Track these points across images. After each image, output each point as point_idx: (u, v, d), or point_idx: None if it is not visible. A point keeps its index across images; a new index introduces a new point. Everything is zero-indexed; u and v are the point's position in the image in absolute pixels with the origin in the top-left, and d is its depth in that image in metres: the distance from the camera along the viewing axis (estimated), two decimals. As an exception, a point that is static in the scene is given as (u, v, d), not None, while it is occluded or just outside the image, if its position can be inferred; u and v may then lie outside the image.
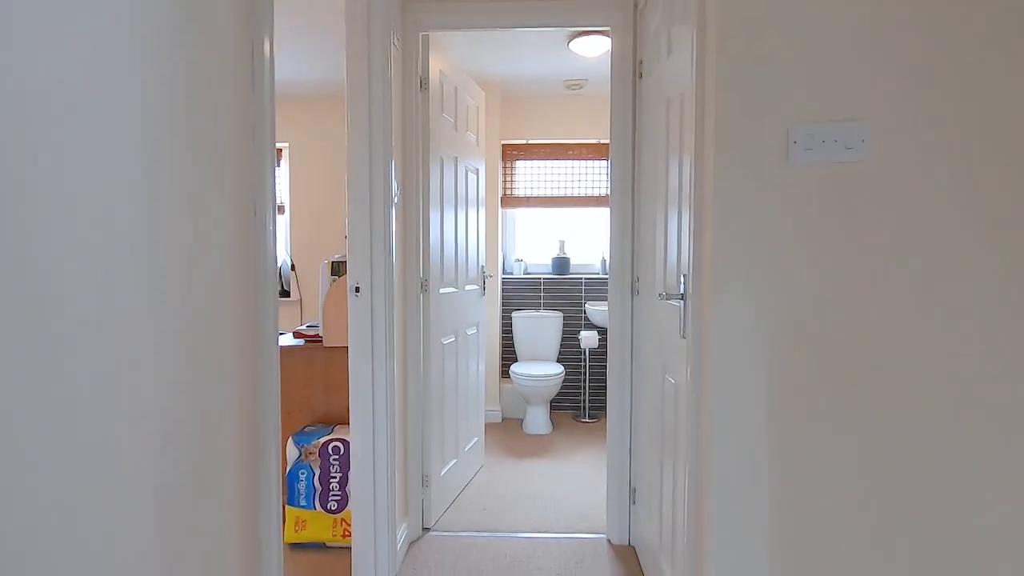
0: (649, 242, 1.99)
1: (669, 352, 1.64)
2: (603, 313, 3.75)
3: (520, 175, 4.17)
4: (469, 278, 2.80)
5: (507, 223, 4.26)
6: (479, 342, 2.96)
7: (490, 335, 3.89)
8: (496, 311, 3.89)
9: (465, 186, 2.73)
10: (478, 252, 2.94)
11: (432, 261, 2.33)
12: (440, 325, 2.42)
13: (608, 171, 2.13)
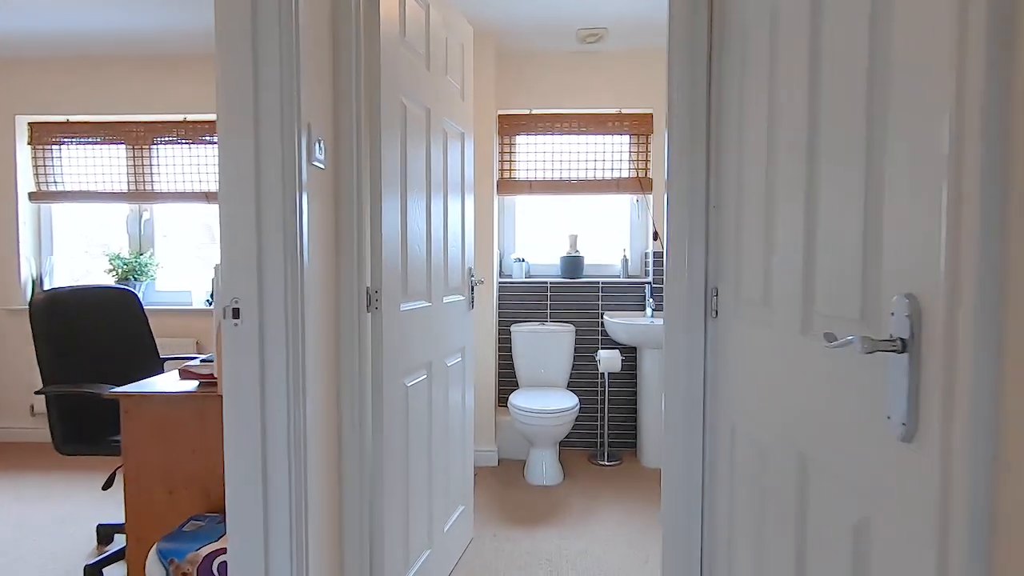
0: (754, 238, 1.15)
1: (839, 452, 0.81)
2: (627, 327, 2.93)
3: (521, 154, 3.35)
4: (450, 287, 1.98)
5: (504, 214, 3.44)
6: (465, 373, 2.14)
7: (482, 355, 3.07)
8: (490, 324, 3.07)
9: (443, 156, 1.90)
10: (464, 251, 2.11)
11: (387, 265, 1.50)
12: (401, 357, 1.59)
13: (667, 138, 1.17)
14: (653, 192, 3.27)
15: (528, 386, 3.16)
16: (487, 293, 3.05)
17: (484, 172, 3.03)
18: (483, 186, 3.03)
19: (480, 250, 3.01)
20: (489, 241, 3.04)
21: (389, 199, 1.50)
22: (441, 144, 1.87)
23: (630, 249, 3.40)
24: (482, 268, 3.02)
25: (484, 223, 3.03)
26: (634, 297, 3.27)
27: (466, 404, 2.15)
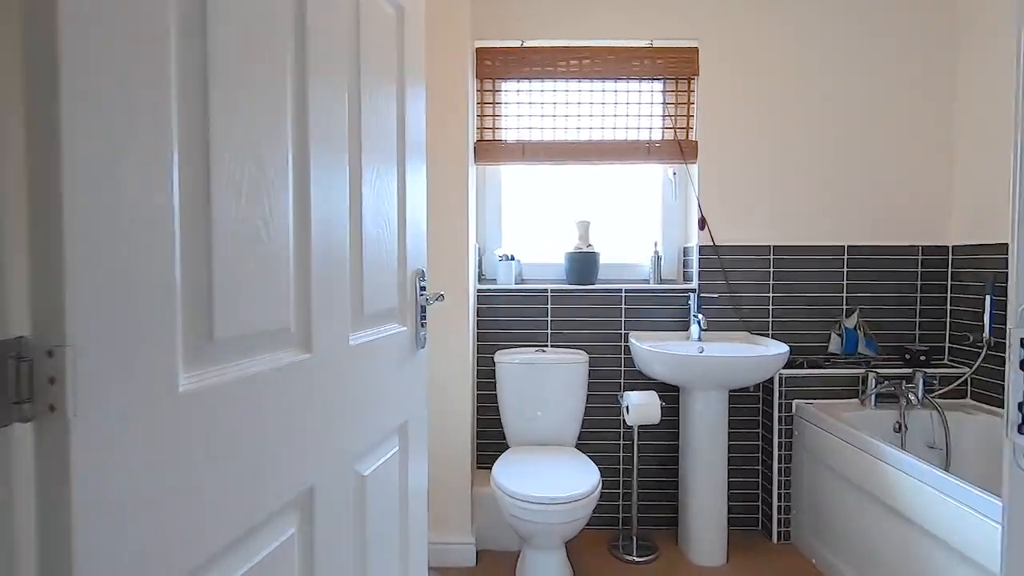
0: None
1: None
2: (666, 357, 1.94)
3: (510, 106, 2.34)
4: (371, 313, 0.95)
5: (486, 191, 2.42)
6: (407, 468, 1.11)
7: (451, 401, 2.05)
8: (464, 353, 2.05)
9: (348, 90, 0.88)
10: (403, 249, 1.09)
11: (103, 277, 0.48)
12: (176, 537, 0.57)
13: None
14: (699, 160, 2.28)
15: (522, 444, 2.15)
16: (459, 307, 2.03)
17: (452, 130, 2.01)
18: (449, 150, 2.01)
19: (443, 245, 2.00)
20: (460, 231, 2.02)
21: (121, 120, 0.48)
22: (341, 59, 0.86)
23: (663, 243, 2.41)
24: (448, 272, 2.00)
25: (451, 204, 2.02)
26: (672, 311, 2.28)
27: (409, 522, 1.13)
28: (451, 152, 2.01)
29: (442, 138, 1.99)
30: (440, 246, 1.99)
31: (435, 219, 1.99)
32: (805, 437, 2.08)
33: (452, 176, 2.01)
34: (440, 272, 1.99)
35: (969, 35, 2.19)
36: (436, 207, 1.99)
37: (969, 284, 2.17)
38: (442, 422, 2.03)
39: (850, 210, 2.27)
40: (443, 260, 2.00)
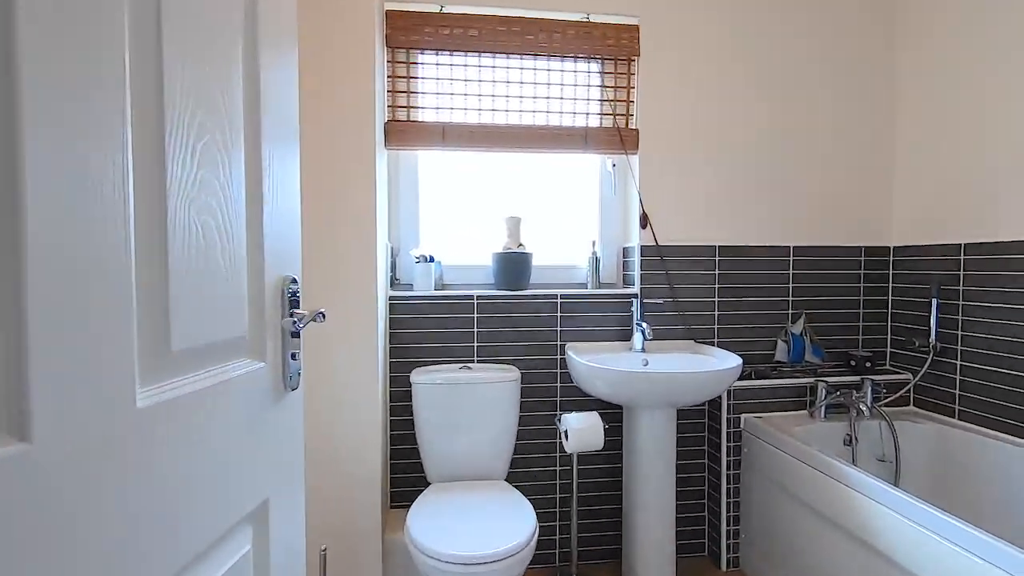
0: None
1: None
2: (608, 373, 1.68)
3: (427, 82, 2.01)
4: (173, 355, 0.59)
5: (400, 180, 2.07)
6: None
7: (362, 426, 1.69)
8: (372, 372, 1.70)
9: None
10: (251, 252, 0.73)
11: None
12: None
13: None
14: (640, 151, 2.05)
15: (444, 479, 1.82)
16: (366, 319, 1.67)
17: (354, 107, 1.65)
18: (350, 130, 1.65)
19: (343, 244, 1.64)
20: (366, 228, 1.66)
21: None
22: None
23: (602, 242, 2.17)
24: (351, 277, 1.64)
25: (354, 195, 1.66)
26: (613, 319, 2.04)
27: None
28: (352, 133, 1.65)
29: (339, 115, 1.63)
30: (338, 246, 1.63)
31: (331, 213, 1.62)
32: (754, 454, 1.90)
33: (354, 161, 1.65)
34: (337, 278, 1.63)
35: (905, 45, 2.11)
36: (332, 198, 1.63)
37: (910, 286, 2.09)
38: (346, 457, 1.66)
39: (795, 209, 2.13)
40: (342, 263, 1.63)
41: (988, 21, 1.81)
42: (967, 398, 1.86)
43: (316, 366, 1.65)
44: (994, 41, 1.79)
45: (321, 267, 1.63)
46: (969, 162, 1.87)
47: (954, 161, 1.92)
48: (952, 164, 1.93)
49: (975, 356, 1.83)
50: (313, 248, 1.63)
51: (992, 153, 1.80)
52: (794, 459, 1.70)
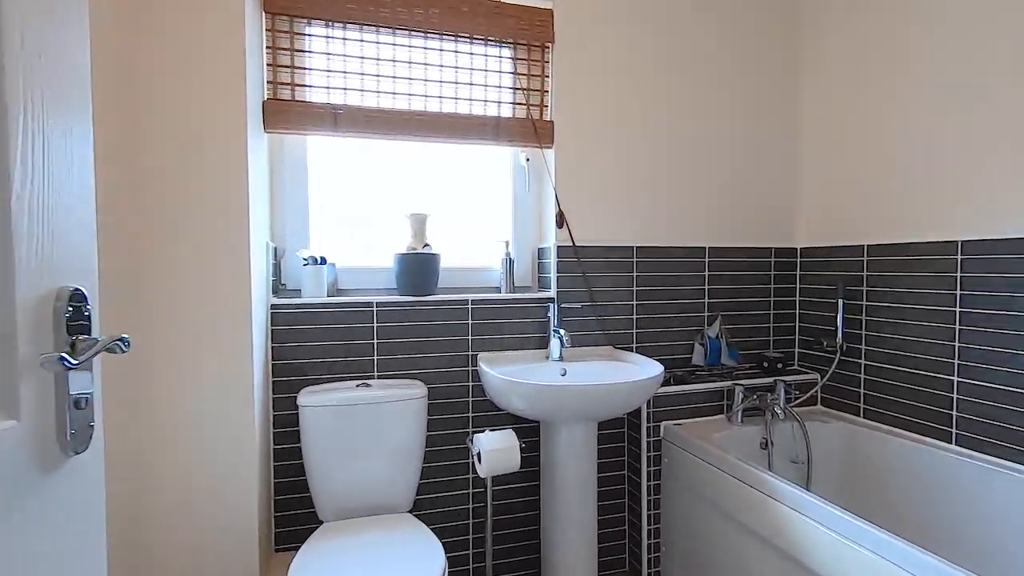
0: None
1: None
2: (526, 389, 1.52)
3: (317, 59, 1.74)
4: None
5: (286, 169, 1.79)
6: None
7: (229, 475, 1.41)
8: (246, 394, 1.42)
9: None
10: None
11: None
12: None
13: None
14: (556, 145, 1.91)
15: (339, 515, 1.58)
16: (236, 332, 1.39)
17: (216, 81, 1.37)
18: (210, 108, 1.38)
19: (203, 244, 1.36)
20: (235, 224, 1.39)
21: None
22: None
23: (515, 243, 2.01)
24: (218, 283, 1.36)
25: (217, 186, 1.38)
26: (528, 325, 1.89)
27: None
28: (217, 110, 1.36)
29: (198, 89, 1.34)
30: (200, 246, 1.34)
31: (187, 206, 1.34)
32: (674, 463, 1.82)
33: (219, 144, 1.37)
34: (198, 285, 1.34)
35: (809, 58, 2.13)
36: (189, 188, 1.34)
37: (817, 287, 2.12)
38: (210, 505, 1.38)
39: (710, 210, 2.09)
40: (204, 267, 1.35)
41: (886, 33, 1.84)
42: (871, 397, 1.90)
43: (162, 397, 1.35)
44: (893, 52, 1.83)
45: (172, 272, 1.34)
46: (870, 166, 1.90)
47: (856, 165, 1.96)
48: (854, 168, 1.96)
49: (879, 355, 1.87)
50: (162, 249, 1.33)
51: (892, 158, 1.83)
52: (711, 467, 1.64)
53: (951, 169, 1.65)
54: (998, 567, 1.47)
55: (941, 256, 1.68)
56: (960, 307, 1.63)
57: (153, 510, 1.36)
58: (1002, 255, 1.52)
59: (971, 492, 1.55)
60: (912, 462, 1.71)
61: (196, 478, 1.38)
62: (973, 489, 1.54)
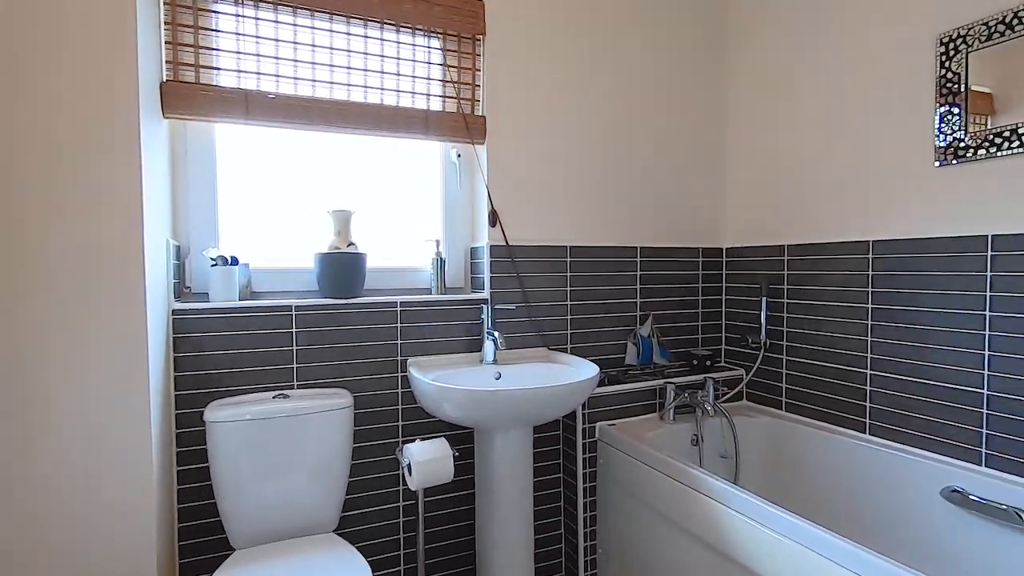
0: None
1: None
2: (459, 395, 1.44)
3: (224, 40, 1.58)
4: None
5: (189, 161, 1.62)
6: None
7: (118, 502, 1.24)
8: (139, 416, 1.25)
9: None
10: None
11: None
12: None
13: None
14: (488, 141, 1.85)
15: (255, 540, 1.43)
16: (128, 342, 1.23)
17: (103, 55, 1.21)
18: (98, 86, 1.21)
19: (88, 241, 1.19)
20: (127, 217, 1.22)
21: None
22: None
23: (447, 242, 1.93)
24: (100, 285, 1.20)
25: (106, 173, 1.21)
26: (461, 328, 1.81)
27: None
28: (100, 93, 1.20)
29: (80, 68, 1.17)
30: (83, 246, 1.17)
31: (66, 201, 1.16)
32: (609, 464, 1.81)
33: (104, 130, 1.20)
34: (79, 289, 1.17)
35: (735, 71, 2.20)
36: (69, 179, 1.17)
37: (742, 286, 2.18)
38: (103, 537, 1.21)
39: (641, 210, 2.10)
40: (88, 268, 1.18)
41: (800, 49, 1.93)
42: (793, 391, 1.97)
43: (36, 425, 1.17)
44: (808, 67, 1.91)
45: (50, 277, 1.16)
46: (790, 171, 1.98)
47: (776, 169, 2.03)
48: (775, 172, 2.04)
49: (799, 351, 1.95)
50: (37, 251, 1.15)
51: (808, 164, 1.92)
52: (644, 465, 1.63)
53: (861, 174, 1.74)
54: (909, 550, 1.56)
55: (854, 256, 1.76)
56: (871, 304, 1.72)
57: (35, 556, 1.17)
58: (907, 254, 1.62)
59: (883, 478, 1.63)
60: (830, 452, 1.79)
61: (81, 523, 1.20)
62: (885, 475, 1.63)
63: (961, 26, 1.49)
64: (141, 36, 1.25)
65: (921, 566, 1.50)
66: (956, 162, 1.50)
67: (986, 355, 1.45)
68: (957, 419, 1.51)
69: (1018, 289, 1.38)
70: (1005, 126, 1.40)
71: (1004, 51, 1.40)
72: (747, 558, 1.30)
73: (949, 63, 1.51)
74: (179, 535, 1.50)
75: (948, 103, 1.52)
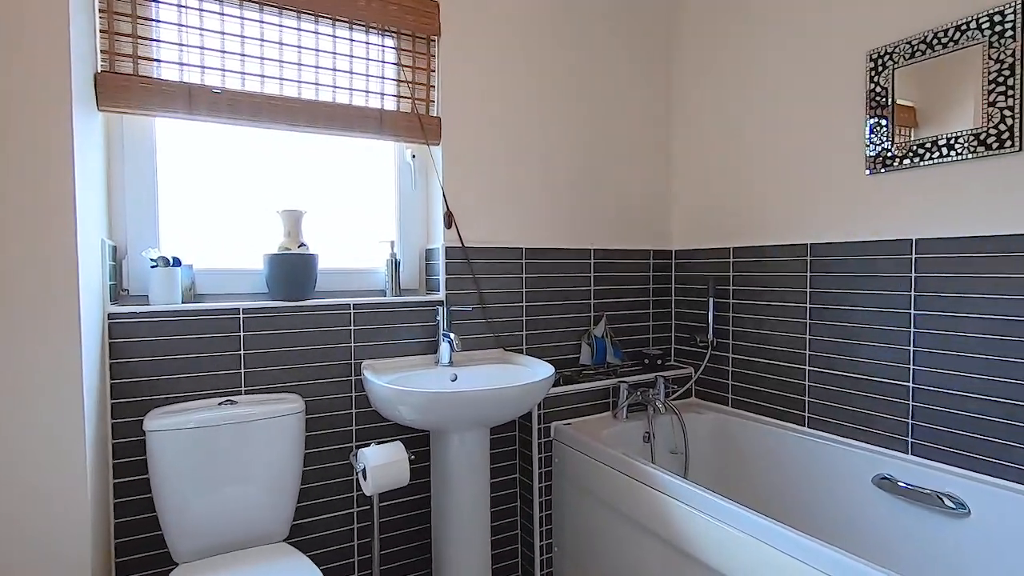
0: None
1: None
2: (415, 397, 1.43)
3: (166, 31, 1.51)
4: None
5: (126, 157, 1.53)
6: None
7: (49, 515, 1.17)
8: (72, 427, 1.18)
9: None
10: None
11: None
12: None
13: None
14: (443, 142, 1.85)
15: (201, 553, 1.37)
16: (59, 349, 1.16)
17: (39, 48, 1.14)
18: (25, 75, 1.14)
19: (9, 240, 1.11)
20: (57, 216, 1.15)
21: None
22: None
23: (402, 243, 1.91)
24: (23, 288, 1.13)
25: (33, 167, 1.14)
26: (416, 330, 1.80)
27: None
28: (27, 83, 1.12)
29: (3, 56, 1.10)
30: (3, 245, 1.10)
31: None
32: (564, 463, 1.84)
33: (34, 122, 1.13)
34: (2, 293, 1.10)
35: (680, 84, 2.28)
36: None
37: (691, 287, 2.26)
38: (32, 559, 1.13)
39: (594, 212, 2.15)
40: (9, 270, 1.10)
41: (740, 62, 2.02)
42: (738, 387, 2.06)
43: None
44: (748, 77, 2.00)
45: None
46: (734, 176, 2.07)
47: (722, 173, 2.12)
48: (720, 176, 2.12)
49: (744, 348, 2.03)
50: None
51: (750, 170, 2.00)
52: (598, 463, 1.67)
53: (800, 180, 1.84)
54: (844, 534, 1.65)
55: (793, 258, 1.86)
56: (810, 303, 1.81)
57: (-60, 575, 1.08)
58: (841, 257, 1.72)
59: (821, 468, 1.73)
60: (772, 445, 1.87)
61: (6, 534, 1.12)
62: (822, 465, 1.72)
63: (888, 44, 1.59)
64: (74, 22, 1.18)
65: (854, 548, 1.60)
66: (884, 170, 1.61)
67: (911, 351, 1.55)
68: (886, 411, 1.61)
69: (939, 289, 1.49)
70: (927, 138, 1.51)
71: (926, 68, 1.51)
72: (696, 549, 1.34)
73: (878, 78, 1.61)
74: (116, 551, 1.42)
75: (877, 115, 1.62)
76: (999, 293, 1.39)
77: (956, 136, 1.45)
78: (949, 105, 1.47)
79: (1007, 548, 1.34)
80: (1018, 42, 1.34)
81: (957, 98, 1.45)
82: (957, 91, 1.45)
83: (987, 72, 1.39)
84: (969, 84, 1.43)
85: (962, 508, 1.41)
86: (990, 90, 1.39)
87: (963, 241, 1.44)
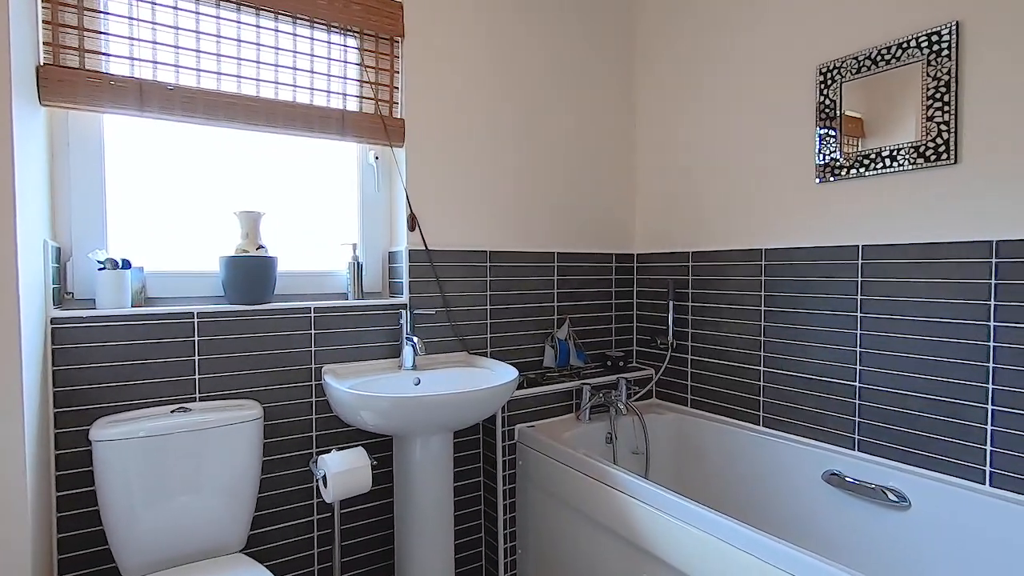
0: None
1: None
2: (377, 402, 1.42)
3: (117, 24, 1.45)
4: None
5: (72, 155, 1.46)
6: None
7: None
8: (11, 439, 1.12)
9: None
10: None
11: None
12: None
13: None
14: (407, 144, 1.83)
15: (152, 568, 1.32)
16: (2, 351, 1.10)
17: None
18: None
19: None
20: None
21: None
22: None
23: (364, 245, 1.89)
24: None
25: (-22, 161, 1.08)
26: (379, 334, 1.78)
27: None
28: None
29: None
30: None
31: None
32: (528, 465, 1.85)
33: (-28, 112, 1.07)
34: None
35: (642, 88, 2.33)
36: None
37: (651, 290, 2.31)
38: None
39: (558, 216, 2.17)
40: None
41: (699, 72, 2.08)
42: (697, 388, 2.11)
43: None
44: (707, 85, 2.06)
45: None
46: (693, 182, 2.13)
47: (680, 181, 2.17)
48: (680, 182, 2.18)
49: (703, 350, 2.09)
50: None
51: (708, 176, 2.06)
52: (561, 464, 1.68)
53: (755, 187, 1.90)
54: (795, 528, 1.71)
55: (748, 263, 1.92)
56: (764, 307, 1.88)
57: None
58: (793, 262, 1.78)
59: (774, 465, 1.79)
60: (729, 443, 1.93)
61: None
62: (775, 462, 1.79)
63: (837, 58, 1.67)
64: (13, 10, 1.12)
65: (805, 542, 1.66)
66: (833, 179, 1.68)
67: (858, 352, 1.63)
68: (835, 409, 1.69)
69: (883, 293, 1.57)
70: (872, 149, 1.59)
71: (871, 83, 1.59)
72: (656, 547, 1.37)
73: (827, 90, 1.69)
74: (59, 568, 1.35)
75: (826, 126, 1.69)
76: (936, 297, 1.47)
77: (899, 148, 1.53)
78: (892, 118, 1.55)
79: (944, 538, 1.42)
80: (953, 61, 1.42)
81: (900, 112, 1.53)
82: (900, 105, 1.53)
83: (926, 88, 1.47)
84: (910, 99, 1.51)
85: (903, 501, 1.49)
86: (928, 105, 1.47)
87: (905, 248, 1.52)
